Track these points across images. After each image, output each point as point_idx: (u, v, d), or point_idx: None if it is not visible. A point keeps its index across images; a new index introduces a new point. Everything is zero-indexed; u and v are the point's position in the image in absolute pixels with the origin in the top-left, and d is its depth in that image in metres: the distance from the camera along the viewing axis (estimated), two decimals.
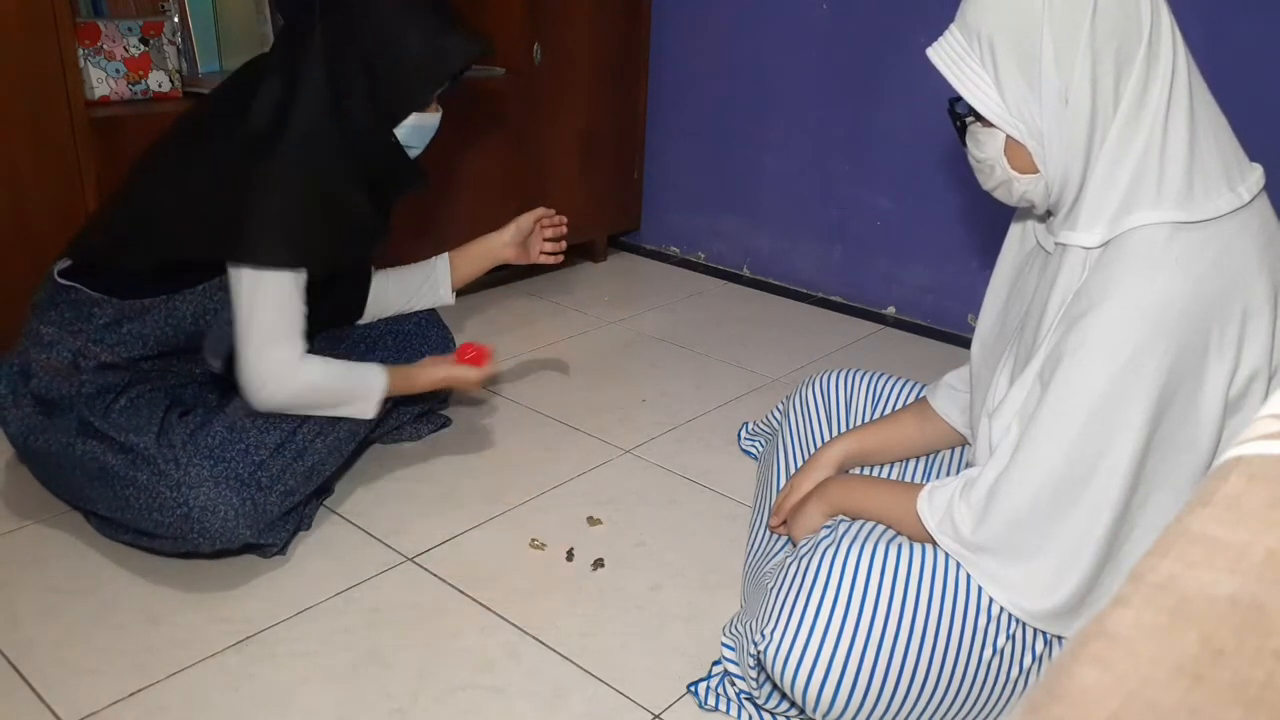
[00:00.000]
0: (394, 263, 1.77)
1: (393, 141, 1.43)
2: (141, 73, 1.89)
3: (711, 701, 1.22)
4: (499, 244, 1.76)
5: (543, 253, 1.79)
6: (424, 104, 1.43)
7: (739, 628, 1.24)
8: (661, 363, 2.24)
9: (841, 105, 2.52)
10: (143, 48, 1.88)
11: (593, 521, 1.60)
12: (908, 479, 1.38)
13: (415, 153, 1.48)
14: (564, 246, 1.80)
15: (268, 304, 1.34)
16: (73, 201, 1.73)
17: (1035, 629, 1.05)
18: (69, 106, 1.71)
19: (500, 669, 1.27)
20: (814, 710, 1.06)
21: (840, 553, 1.07)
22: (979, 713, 1.09)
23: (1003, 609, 1.04)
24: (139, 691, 1.20)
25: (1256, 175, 0.99)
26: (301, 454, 1.44)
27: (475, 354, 1.57)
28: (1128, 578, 0.32)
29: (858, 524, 1.20)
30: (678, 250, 2.99)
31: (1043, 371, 1.01)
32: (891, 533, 1.17)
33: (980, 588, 1.05)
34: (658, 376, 2.17)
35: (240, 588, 1.39)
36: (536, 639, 1.33)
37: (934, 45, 1.03)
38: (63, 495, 1.48)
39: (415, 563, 1.48)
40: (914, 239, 2.51)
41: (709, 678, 1.25)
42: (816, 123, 2.59)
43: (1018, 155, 1.02)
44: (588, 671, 1.28)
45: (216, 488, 1.33)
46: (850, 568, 1.06)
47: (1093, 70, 0.94)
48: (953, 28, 1.02)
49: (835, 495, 1.25)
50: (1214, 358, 0.94)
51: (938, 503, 1.09)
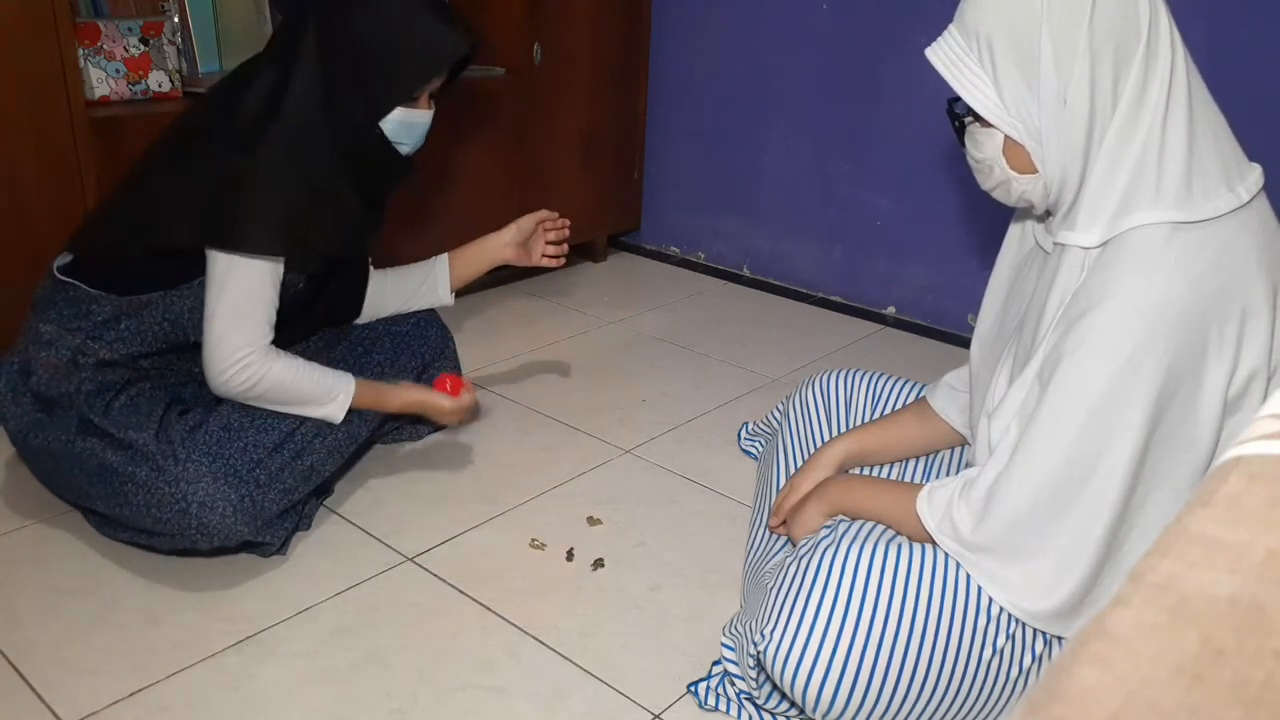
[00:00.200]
0: (393, 263, 1.77)
1: (378, 134, 1.42)
2: (141, 73, 1.89)
3: (711, 701, 1.22)
4: (498, 245, 1.75)
5: (544, 255, 1.78)
6: (408, 97, 1.41)
7: (739, 628, 1.24)
8: (661, 363, 2.24)
9: (841, 105, 2.52)
10: (143, 48, 1.88)
11: (593, 521, 1.60)
12: (908, 479, 1.38)
13: (406, 150, 1.46)
14: (566, 249, 1.79)
15: (236, 290, 1.34)
16: (73, 201, 1.73)
17: (1035, 629, 1.05)
18: (69, 106, 1.71)
19: (500, 669, 1.27)
20: (814, 710, 1.06)
21: (840, 553, 1.07)
22: (979, 713, 1.09)
23: (1002, 609, 1.04)
24: (139, 691, 1.20)
25: (1255, 175, 0.99)
26: (300, 453, 1.44)
27: (453, 385, 1.57)
28: (1128, 578, 0.32)
29: (857, 524, 1.20)
30: (678, 250, 2.99)
31: (1042, 372, 1.01)
32: (891, 533, 1.17)
33: (980, 588, 1.05)
34: (658, 376, 2.17)
35: (240, 587, 1.39)
36: (536, 639, 1.33)
37: (932, 46, 1.03)
38: (62, 493, 1.48)
39: (415, 563, 1.48)
40: (914, 239, 2.51)
41: (709, 678, 1.25)
42: (816, 123, 2.59)
43: (1016, 155, 1.02)
44: (588, 671, 1.28)
45: (215, 484, 1.33)
46: (850, 568, 1.06)
47: (1091, 70, 0.94)
48: (951, 28, 1.02)
49: (835, 495, 1.26)
50: (1213, 357, 0.94)
51: (937, 503, 1.09)
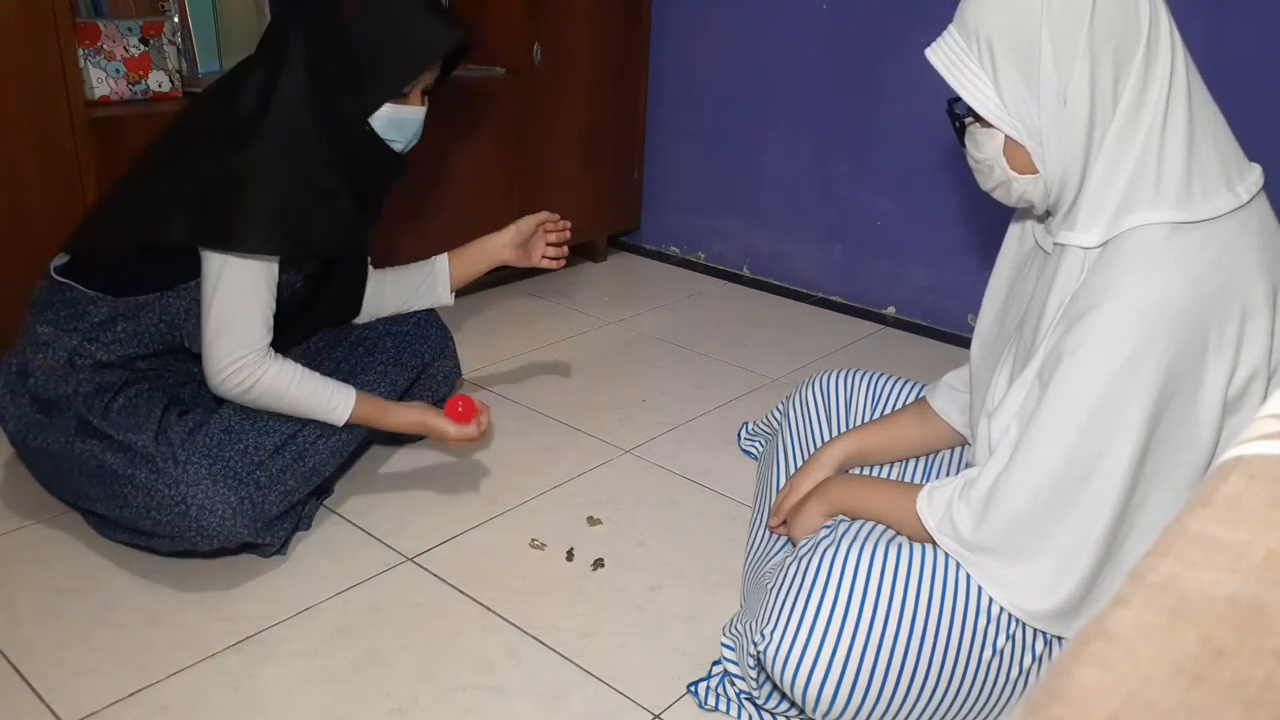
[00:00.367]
0: (393, 262, 1.77)
1: (368, 131, 1.39)
2: (141, 73, 1.89)
3: (711, 701, 1.22)
4: (498, 245, 1.73)
5: (545, 256, 1.76)
6: (397, 93, 1.38)
7: (739, 628, 1.24)
8: (661, 363, 2.24)
9: (841, 105, 2.52)
10: (143, 48, 1.88)
11: (593, 521, 1.60)
12: (908, 479, 1.38)
13: (399, 147, 1.43)
14: (566, 251, 1.77)
15: (230, 290, 1.33)
16: (73, 201, 1.73)
17: (1035, 629, 1.05)
18: (69, 106, 1.71)
19: (500, 669, 1.27)
20: (814, 710, 1.06)
21: (840, 553, 1.07)
22: (979, 713, 1.09)
23: (1002, 609, 1.04)
24: (139, 691, 1.20)
25: (1255, 175, 0.99)
26: (302, 455, 1.44)
27: (465, 409, 1.51)
28: (1128, 578, 0.32)
29: (857, 524, 1.20)
30: (678, 250, 2.99)
31: (1042, 372, 1.01)
32: (891, 533, 1.17)
33: (980, 588, 1.05)
34: (658, 376, 2.17)
35: (240, 587, 1.39)
36: (536, 639, 1.33)
37: (932, 46, 1.03)
38: (62, 495, 1.48)
39: (415, 563, 1.48)
40: (914, 239, 2.51)
41: (709, 678, 1.25)
42: (816, 123, 2.59)
43: (1017, 156, 1.02)
44: (588, 671, 1.28)
45: (214, 486, 1.33)
46: (850, 568, 1.06)
47: (1091, 71, 0.94)
48: (951, 28, 1.02)
49: (835, 495, 1.25)
50: (1213, 358, 0.94)
51: (937, 503, 1.09)
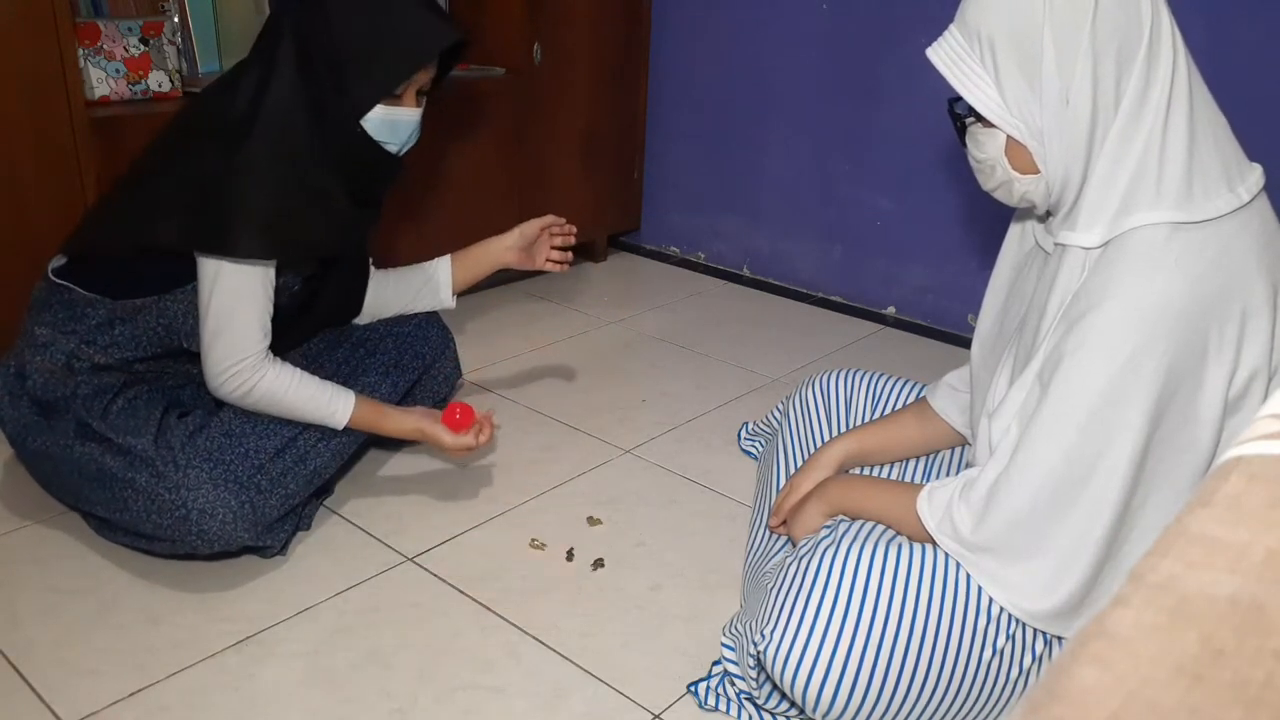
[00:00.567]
0: (392, 263, 1.76)
1: (360, 133, 1.37)
2: (141, 73, 1.89)
3: (711, 701, 1.22)
4: (501, 248, 1.73)
5: (549, 259, 1.74)
6: (389, 94, 1.36)
7: (739, 628, 1.24)
8: (661, 363, 2.24)
9: (841, 105, 2.52)
10: (143, 48, 1.88)
11: (593, 521, 1.60)
12: (908, 479, 1.38)
13: (394, 149, 1.41)
14: (571, 256, 1.76)
15: (225, 294, 1.32)
16: (73, 201, 1.73)
17: (1035, 629, 1.05)
18: (69, 106, 1.71)
19: (500, 669, 1.27)
20: (814, 710, 1.06)
21: (840, 553, 1.07)
22: (979, 713, 1.09)
23: (1002, 609, 1.04)
24: (139, 691, 1.20)
25: (1256, 175, 0.99)
26: (304, 458, 1.44)
27: (462, 415, 1.51)
28: (1128, 578, 0.32)
29: (858, 524, 1.20)
30: (678, 250, 2.99)
31: (1042, 372, 1.01)
32: (891, 533, 1.17)
33: (980, 588, 1.05)
34: (658, 376, 2.17)
35: (240, 588, 1.39)
36: (536, 639, 1.33)
37: (933, 45, 1.03)
38: (61, 496, 1.48)
39: (415, 563, 1.48)
40: (914, 239, 2.51)
41: (709, 678, 1.25)
42: (816, 123, 2.59)
43: (1018, 156, 1.02)
44: (588, 671, 1.28)
45: (215, 490, 1.32)
46: (850, 568, 1.06)
47: (1094, 71, 0.94)
48: (952, 28, 1.02)
49: (835, 495, 1.25)
50: (1213, 358, 0.94)
51: (937, 503, 1.09)
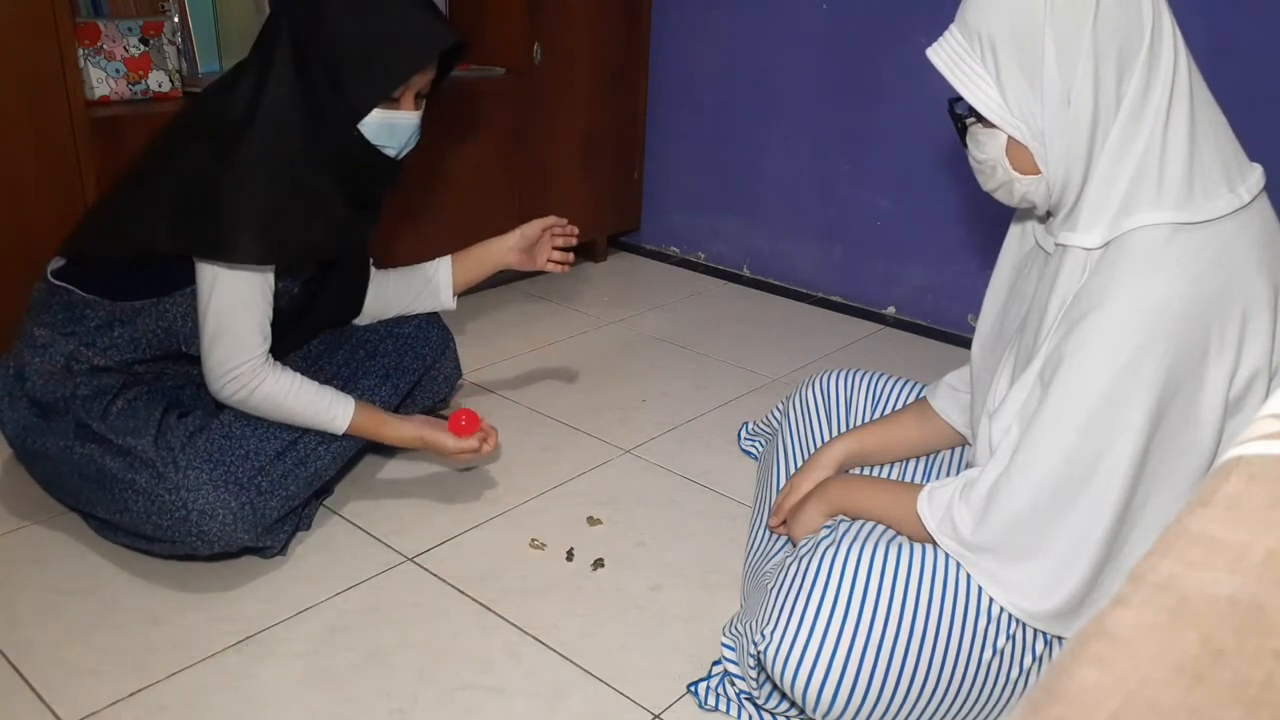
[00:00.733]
0: (392, 263, 1.76)
1: (358, 137, 1.36)
2: (141, 73, 1.89)
3: (711, 701, 1.22)
4: (502, 249, 1.72)
5: (550, 260, 1.74)
6: (385, 96, 1.35)
7: (739, 628, 1.24)
8: (661, 363, 2.24)
9: (841, 105, 2.52)
10: (143, 48, 1.88)
11: (593, 521, 1.60)
12: (908, 479, 1.38)
13: (392, 153, 1.40)
14: (572, 257, 1.76)
15: (223, 299, 1.32)
16: (73, 201, 1.73)
17: (1035, 629, 1.05)
18: (69, 106, 1.71)
19: (500, 669, 1.27)
20: (814, 710, 1.06)
21: (840, 553, 1.07)
22: (979, 713, 1.09)
23: (1003, 610, 1.04)
24: (139, 691, 1.20)
25: (1256, 176, 0.99)
26: (305, 460, 1.44)
27: (468, 422, 1.52)
28: (1128, 578, 0.32)
29: (858, 524, 1.20)
30: (678, 250, 2.99)
31: (1043, 372, 1.01)
32: (891, 533, 1.17)
33: (980, 588, 1.05)
34: (658, 376, 2.17)
35: (240, 588, 1.39)
36: (536, 639, 1.33)
37: (934, 46, 1.03)
38: (61, 497, 1.48)
39: (415, 563, 1.48)
40: (914, 239, 2.51)
41: (709, 678, 1.25)
42: (816, 123, 2.59)
43: (1019, 156, 1.02)
44: (588, 671, 1.28)
45: (215, 491, 1.32)
46: (850, 568, 1.06)
47: (1095, 71, 0.94)
48: (953, 28, 1.02)
49: (835, 495, 1.25)
50: (1214, 359, 0.94)
51: (938, 503, 1.09)
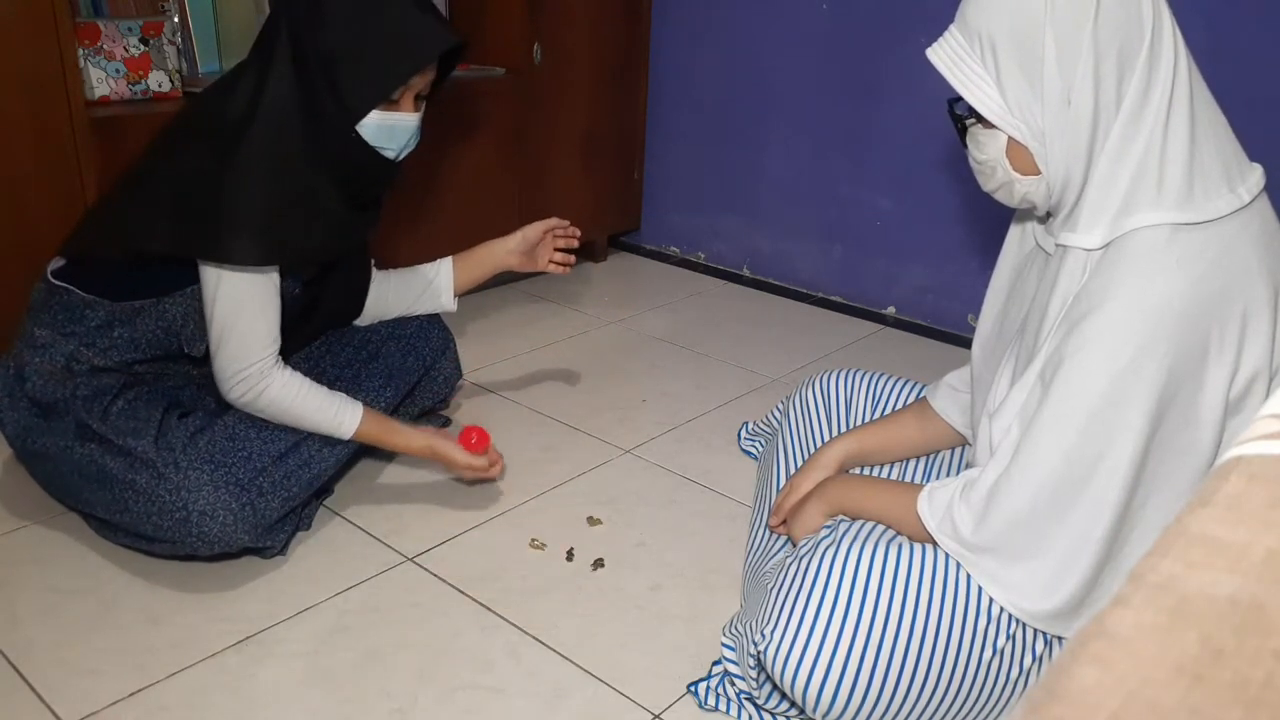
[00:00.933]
0: (392, 263, 1.76)
1: (356, 139, 1.35)
2: (141, 73, 1.89)
3: (711, 701, 1.22)
4: (503, 251, 1.73)
5: (551, 261, 1.74)
6: (384, 98, 1.34)
7: (739, 628, 1.24)
8: (661, 363, 2.24)
9: (841, 105, 2.52)
10: (143, 48, 1.88)
11: (593, 521, 1.60)
12: (908, 479, 1.38)
13: (391, 154, 1.39)
14: (574, 259, 1.76)
15: (228, 302, 1.32)
16: (73, 201, 1.73)
17: (1035, 629, 1.05)
18: (69, 106, 1.71)
19: (500, 669, 1.27)
20: (814, 710, 1.06)
21: (840, 553, 1.07)
22: (979, 713, 1.09)
23: (1003, 609, 1.04)
24: (139, 691, 1.20)
25: (1256, 176, 0.99)
26: (307, 462, 1.44)
27: (478, 440, 1.55)
28: (1128, 578, 0.32)
29: (858, 524, 1.20)
30: (678, 250, 2.99)
31: (1044, 373, 1.01)
32: (891, 533, 1.17)
33: (980, 588, 1.05)
34: (658, 376, 2.17)
35: (240, 588, 1.39)
36: (536, 639, 1.33)
37: (934, 46, 1.03)
38: (62, 497, 1.48)
39: (415, 563, 1.48)
40: (914, 239, 2.51)
41: (709, 678, 1.25)
42: (816, 123, 2.59)
43: (1019, 157, 1.02)
44: (588, 671, 1.28)
45: (216, 492, 1.32)
46: (850, 568, 1.06)
47: (1095, 71, 0.94)
48: (952, 28, 1.02)
49: (835, 495, 1.25)
50: (1214, 359, 0.94)
51: (938, 503, 1.09)
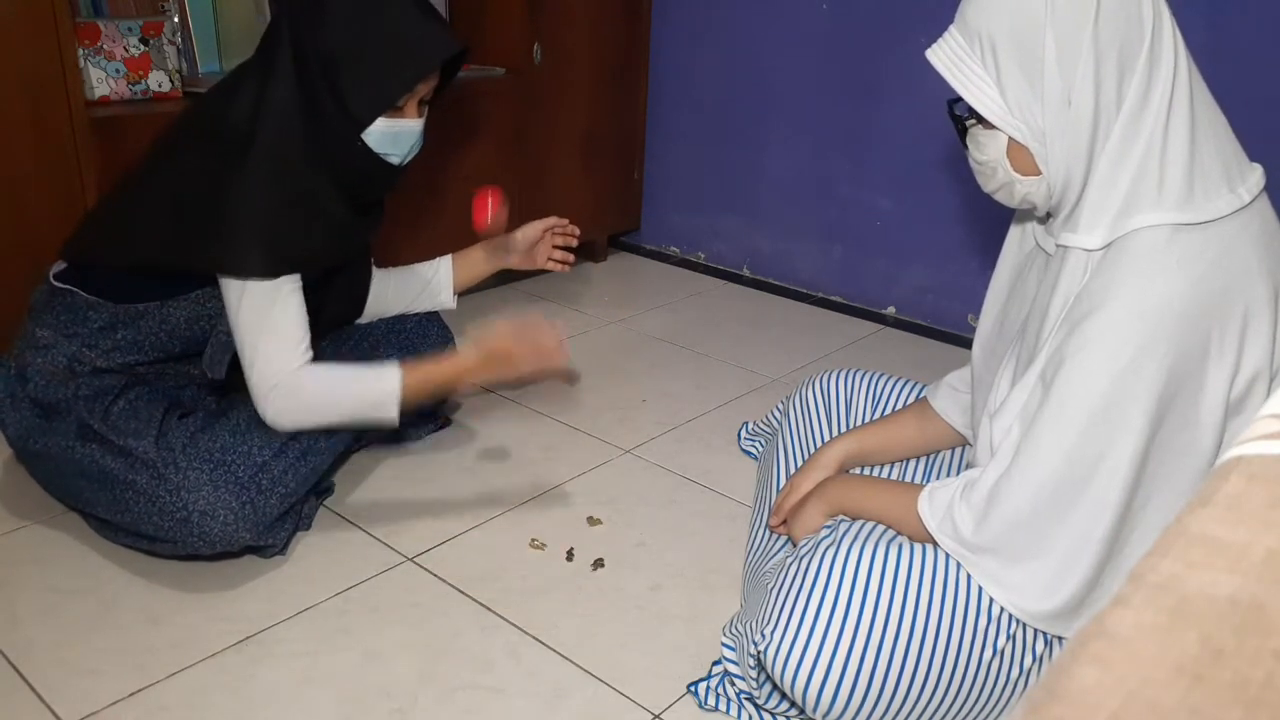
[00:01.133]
0: (391, 262, 1.76)
1: (362, 147, 1.34)
2: (141, 73, 1.89)
3: (711, 701, 1.22)
4: (502, 249, 1.73)
5: (551, 259, 1.74)
6: (390, 105, 1.34)
7: (739, 628, 1.24)
8: (661, 363, 2.24)
9: (841, 105, 2.52)
10: (143, 48, 1.88)
11: (593, 521, 1.60)
12: (908, 479, 1.38)
13: (396, 161, 1.39)
14: (573, 257, 1.76)
15: (252, 314, 1.32)
16: (73, 201, 1.73)
17: (1035, 629, 1.05)
18: (69, 106, 1.71)
19: (500, 669, 1.27)
20: (814, 710, 1.06)
21: (840, 553, 1.07)
22: (979, 713, 1.09)
23: (1003, 610, 1.04)
24: (139, 691, 1.20)
25: (1256, 176, 0.99)
26: (305, 455, 1.43)
27: (493, 198, 1.45)
28: (1128, 578, 0.32)
29: (858, 524, 1.20)
30: (678, 250, 2.99)
31: (1044, 373, 1.01)
32: (891, 533, 1.17)
33: (980, 588, 1.05)
34: (658, 376, 2.17)
35: (240, 588, 1.39)
36: (536, 639, 1.33)
37: (933, 47, 1.03)
38: (62, 497, 1.48)
39: (415, 563, 1.48)
40: (914, 239, 2.51)
41: (709, 678, 1.25)
42: (816, 123, 2.59)
43: (1020, 157, 1.02)
44: (588, 671, 1.28)
45: (216, 492, 1.32)
46: (850, 568, 1.06)
47: (1096, 72, 0.94)
48: (952, 29, 1.02)
49: (835, 495, 1.25)
50: (1214, 360, 0.94)
51: (938, 503, 1.09)
